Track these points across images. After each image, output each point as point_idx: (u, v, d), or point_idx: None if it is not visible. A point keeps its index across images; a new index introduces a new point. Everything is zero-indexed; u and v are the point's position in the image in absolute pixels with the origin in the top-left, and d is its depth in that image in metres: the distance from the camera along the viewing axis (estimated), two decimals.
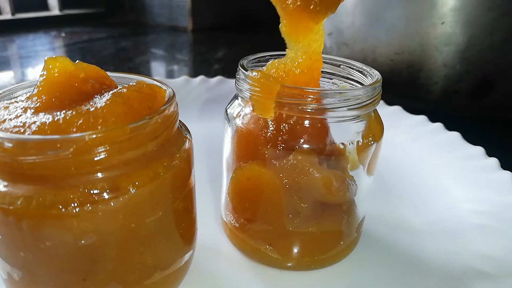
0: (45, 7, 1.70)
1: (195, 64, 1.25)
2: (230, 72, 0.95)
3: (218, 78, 0.83)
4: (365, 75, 0.39)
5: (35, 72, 1.11)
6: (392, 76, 0.84)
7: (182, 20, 1.64)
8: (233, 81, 0.37)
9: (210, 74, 0.87)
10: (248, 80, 0.35)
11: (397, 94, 0.81)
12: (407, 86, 0.84)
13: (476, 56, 0.75)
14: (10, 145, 0.24)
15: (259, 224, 0.38)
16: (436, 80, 0.79)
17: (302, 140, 0.34)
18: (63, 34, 1.52)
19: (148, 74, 1.13)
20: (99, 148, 0.25)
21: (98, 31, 1.59)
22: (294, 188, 0.35)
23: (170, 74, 1.17)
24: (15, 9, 1.56)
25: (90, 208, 0.25)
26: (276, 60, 0.37)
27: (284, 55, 0.42)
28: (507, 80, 0.76)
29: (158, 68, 1.24)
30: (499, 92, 0.77)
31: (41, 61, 1.18)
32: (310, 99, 0.33)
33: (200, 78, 0.82)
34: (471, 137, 0.62)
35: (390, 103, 0.74)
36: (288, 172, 0.34)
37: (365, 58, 0.88)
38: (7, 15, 1.55)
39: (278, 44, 0.39)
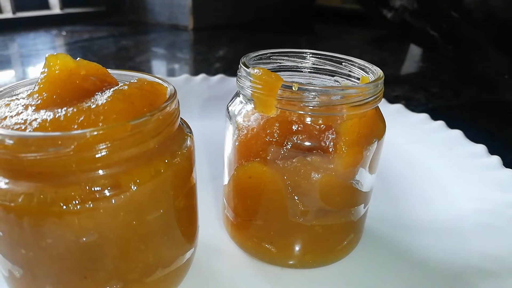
0: (46, 6, 1.70)
1: (196, 63, 1.25)
2: (231, 71, 0.94)
3: (219, 76, 0.83)
4: (367, 72, 0.38)
5: (36, 71, 1.11)
6: None
7: (183, 18, 1.64)
8: (234, 79, 0.37)
9: (211, 72, 0.87)
10: (250, 78, 0.34)
11: None
12: None
13: None
14: (11, 142, 0.24)
15: (260, 222, 0.38)
16: None
17: (303, 138, 0.34)
18: (64, 33, 1.52)
19: (148, 72, 1.13)
20: (100, 145, 0.25)
21: (99, 30, 1.59)
22: (296, 191, 0.35)
23: (171, 73, 1.16)
24: (16, 7, 1.56)
25: (91, 205, 0.25)
26: None
27: (284, 52, 0.42)
28: None
29: (159, 67, 1.24)
30: None
31: (42, 59, 1.17)
32: (312, 96, 0.32)
33: (201, 76, 0.82)
34: (473, 134, 0.62)
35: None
36: (290, 173, 0.34)
37: None
38: (8, 14, 1.55)
39: (280, 42, 0.39)
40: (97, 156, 0.25)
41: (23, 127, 0.26)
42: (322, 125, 0.34)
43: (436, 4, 0.99)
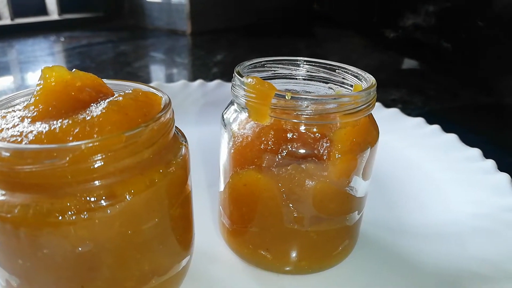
0: (44, 12, 1.70)
1: (194, 68, 1.25)
2: (228, 76, 0.95)
3: (216, 82, 0.83)
4: (360, 80, 0.39)
5: (34, 77, 1.11)
6: None
7: (181, 23, 1.65)
8: (230, 85, 0.38)
9: (209, 77, 0.87)
10: (244, 87, 0.35)
11: None
12: None
13: None
14: (8, 154, 0.24)
15: (255, 229, 0.38)
16: None
17: (297, 146, 0.34)
18: (62, 39, 1.53)
19: (147, 78, 1.13)
20: (95, 156, 0.25)
21: (97, 36, 1.59)
22: (291, 198, 0.35)
23: (170, 78, 1.17)
24: (14, 14, 1.56)
25: (87, 215, 0.26)
26: None
27: (279, 60, 0.42)
28: None
29: (157, 72, 1.25)
30: None
31: (40, 66, 1.18)
32: (305, 105, 0.33)
33: (199, 82, 0.83)
34: (469, 138, 0.63)
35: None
36: (285, 181, 0.35)
37: None
38: (6, 20, 1.55)
39: (277, 48, 0.40)
40: (92, 167, 0.25)
41: (19, 140, 0.26)
42: (316, 133, 0.34)
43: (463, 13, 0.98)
